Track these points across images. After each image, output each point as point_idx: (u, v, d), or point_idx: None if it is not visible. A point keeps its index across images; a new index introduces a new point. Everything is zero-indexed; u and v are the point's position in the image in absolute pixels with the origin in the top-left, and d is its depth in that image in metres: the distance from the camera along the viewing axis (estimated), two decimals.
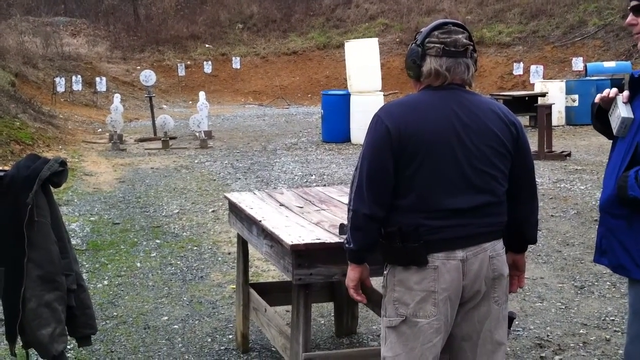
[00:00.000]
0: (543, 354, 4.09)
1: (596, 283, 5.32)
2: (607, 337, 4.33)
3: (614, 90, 2.56)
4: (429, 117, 2.44)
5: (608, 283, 5.29)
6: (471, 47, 2.51)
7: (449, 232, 2.44)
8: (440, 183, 2.43)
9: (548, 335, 4.37)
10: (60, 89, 21.63)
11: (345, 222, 2.59)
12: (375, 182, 2.44)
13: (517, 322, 4.44)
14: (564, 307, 4.86)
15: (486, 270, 2.48)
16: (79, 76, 22.99)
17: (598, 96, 2.62)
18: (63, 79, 22.01)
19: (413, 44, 2.53)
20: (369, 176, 2.44)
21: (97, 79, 22.82)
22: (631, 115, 2.45)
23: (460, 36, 2.48)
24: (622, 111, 2.46)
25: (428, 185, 2.43)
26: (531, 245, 2.75)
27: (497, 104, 2.60)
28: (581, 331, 4.43)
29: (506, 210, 2.56)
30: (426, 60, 2.49)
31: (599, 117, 2.66)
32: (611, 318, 4.63)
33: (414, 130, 2.42)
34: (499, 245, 2.54)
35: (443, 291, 2.44)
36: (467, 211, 2.45)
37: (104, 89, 22.55)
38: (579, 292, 5.16)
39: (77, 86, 22.35)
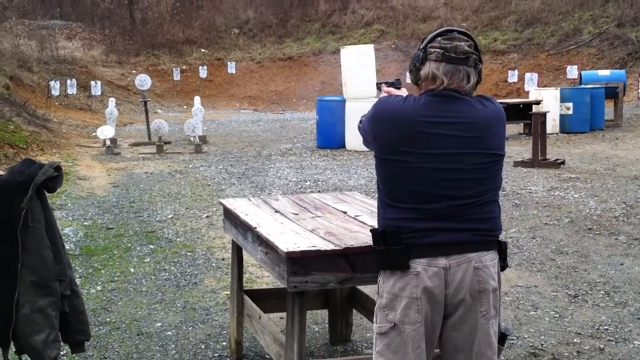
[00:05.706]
0: None
1: (590, 292, 5.32)
2: (601, 346, 4.33)
3: None
4: (411, 121, 2.47)
5: (602, 292, 5.30)
6: (474, 56, 2.50)
7: (429, 237, 2.44)
8: (419, 186, 2.46)
9: (542, 345, 4.37)
10: (55, 92, 21.59)
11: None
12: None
13: (511, 338, 4.39)
14: (558, 316, 4.87)
15: (470, 281, 2.46)
16: (74, 80, 22.94)
17: None
18: (58, 82, 21.96)
19: (417, 49, 2.56)
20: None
21: (92, 82, 22.79)
22: None
23: (462, 43, 2.48)
24: None
25: (408, 188, 2.47)
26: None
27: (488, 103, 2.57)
28: (575, 340, 4.44)
29: (495, 216, 2.52)
30: (425, 64, 2.51)
31: None
32: (605, 327, 4.63)
33: (394, 136, 2.48)
34: (487, 257, 2.50)
35: (425, 297, 2.44)
36: (446, 213, 2.45)
37: (98, 92, 22.53)
38: (572, 300, 5.16)
39: (72, 90, 22.30)
